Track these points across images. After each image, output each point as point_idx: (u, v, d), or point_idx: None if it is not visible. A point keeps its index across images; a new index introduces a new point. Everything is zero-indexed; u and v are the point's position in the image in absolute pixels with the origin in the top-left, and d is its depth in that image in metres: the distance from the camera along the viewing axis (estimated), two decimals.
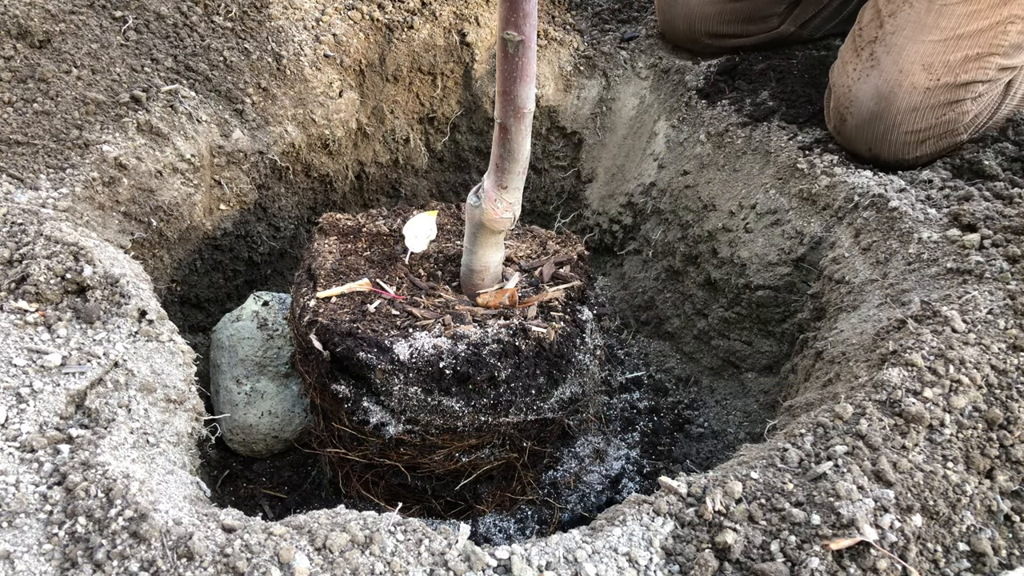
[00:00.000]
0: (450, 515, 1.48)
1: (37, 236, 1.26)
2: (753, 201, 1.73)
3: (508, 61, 1.08)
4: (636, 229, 2.13)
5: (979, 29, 1.51)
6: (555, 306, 1.42)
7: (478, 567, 0.89)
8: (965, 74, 1.52)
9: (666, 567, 0.90)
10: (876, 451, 0.97)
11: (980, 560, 0.90)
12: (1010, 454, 0.98)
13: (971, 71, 1.52)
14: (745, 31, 2.01)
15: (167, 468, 1.06)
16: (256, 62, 1.85)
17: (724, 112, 1.90)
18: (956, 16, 1.50)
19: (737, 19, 1.98)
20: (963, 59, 1.51)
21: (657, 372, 1.94)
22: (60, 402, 1.05)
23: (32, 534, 0.87)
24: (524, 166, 1.25)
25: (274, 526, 0.91)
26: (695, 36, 2.05)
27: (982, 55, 1.52)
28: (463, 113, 2.23)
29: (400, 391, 1.29)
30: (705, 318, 1.87)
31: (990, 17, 1.51)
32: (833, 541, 0.88)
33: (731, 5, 1.96)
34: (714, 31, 2.02)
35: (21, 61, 1.56)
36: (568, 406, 1.40)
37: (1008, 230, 1.31)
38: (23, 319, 1.16)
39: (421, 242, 1.56)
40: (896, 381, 1.05)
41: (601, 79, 2.23)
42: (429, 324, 1.33)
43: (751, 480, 0.97)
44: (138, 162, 1.57)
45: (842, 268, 1.46)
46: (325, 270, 1.49)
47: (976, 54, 1.52)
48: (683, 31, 2.07)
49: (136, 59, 1.68)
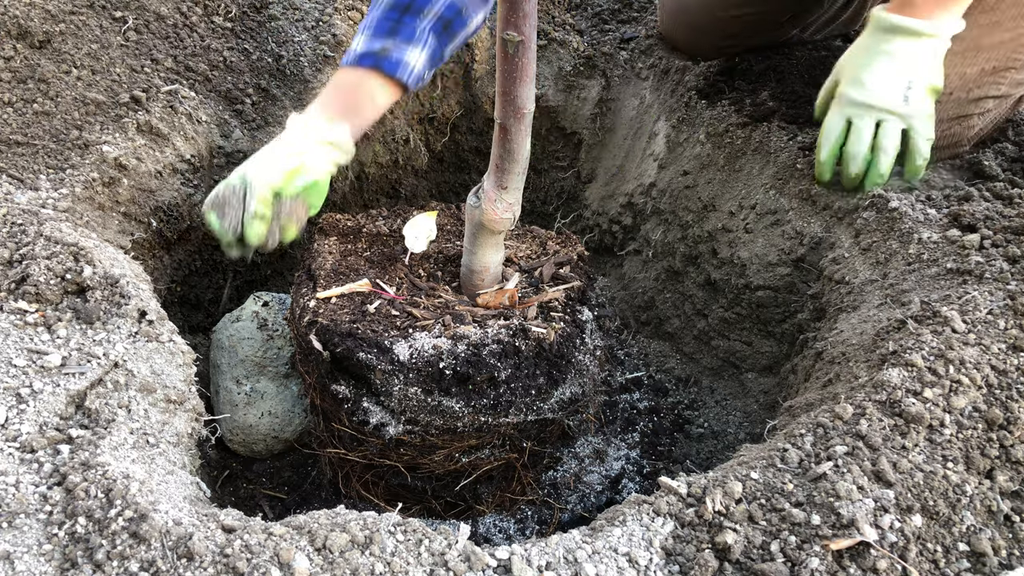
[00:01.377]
0: (450, 515, 1.48)
1: (37, 236, 1.26)
2: (753, 201, 1.73)
3: (508, 61, 1.08)
4: (636, 229, 2.13)
5: (1000, 41, 1.48)
6: (555, 306, 1.42)
7: (478, 567, 0.88)
8: (979, 89, 1.49)
9: (666, 567, 0.90)
10: (876, 451, 0.97)
11: (980, 560, 0.90)
12: (1010, 454, 0.98)
13: (985, 86, 1.50)
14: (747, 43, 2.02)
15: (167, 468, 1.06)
16: (256, 62, 1.85)
17: (724, 112, 1.90)
18: (978, 26, 1.46)
19: (742, 32, 1.98)
20: (979, 72, 1.48)
21: (657, 372, 1.94)
22: (60, 402, 1.05)
23: (32, 534, 0.87)
24: (524, 166, 1.25)
25: (274, 526, 0.91)
26: (698, 47, 2.05)
27: (999, 69, 1.49)
28: (463, 113, 2.23)
29: (400, 391, 1.29)
30: (705, 318, 1.87)
31: (1012, 29, 1.47)
32: (833, 541, 0.88)
33: (736, 20, 1.96)
34: (718, 45, 2.02)
35: (21, 61, 1.56)
36: (568, 406, 1.40)
37: (1008, 230, 1.31)
38: (23, 319, 1.16)
39: (421, 242, 1.56)
40: (896, 381, 1.05)
41: (601, 79, 2.23)
42: (429, 324, 1.33)
43: (751, 480, 0.97)
44: (138, 162, 1.57)
45: (842, 268, 1.46)
46: (325, 270, 1.49)
47: (993, 68, 1.49)
48: (687, 42, 2.07)
49: (136, 59, 1.68)
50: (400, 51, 1.43)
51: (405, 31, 1.44)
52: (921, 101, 1.39)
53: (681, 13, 2.04)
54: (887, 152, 1.43)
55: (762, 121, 1.81)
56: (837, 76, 1.50)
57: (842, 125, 1.46)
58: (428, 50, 1.47)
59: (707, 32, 2.01)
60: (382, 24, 1.44)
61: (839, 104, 1.46)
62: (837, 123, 1.46)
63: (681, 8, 2.03)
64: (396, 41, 1.44)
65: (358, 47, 1.46)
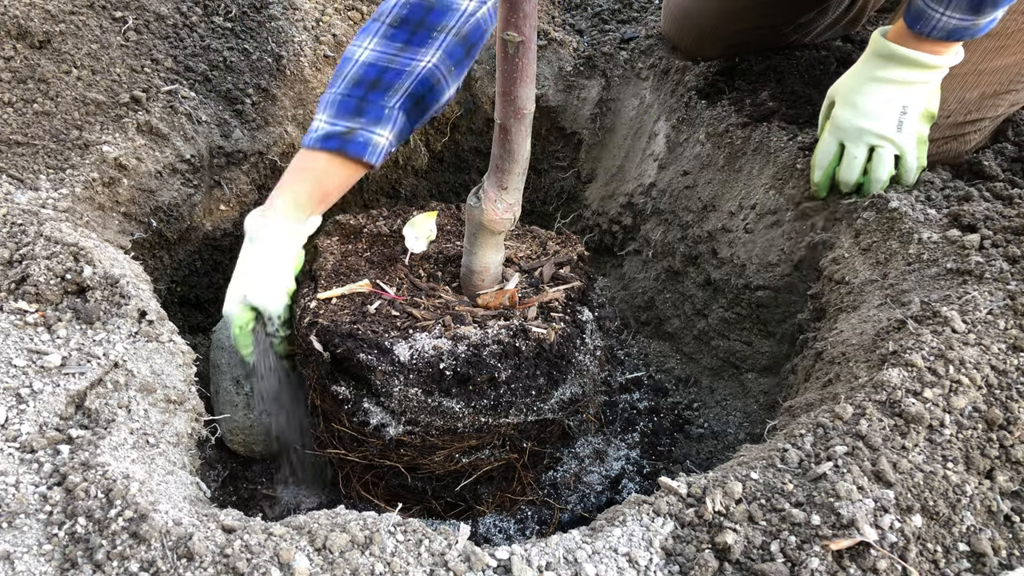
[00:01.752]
0: (450, 516, 1.48)
1: (37, 237, 1.26)
2: (753, 201, 1.73)
3: (508, 62, 1.08)
4: (636, 229, 2.13)
5: (1003, 65, 1.45)
6: (555, 307, 1.42)
7: (478, 567, 0.89)
8: (977, 112, 1.47)
9: (666, 567, 0.90)
10: (876, 451, 0.97)
11: (980, 560, 0.90)
12: (1010, 454, 0.98)
13: (984, 109, 1.48)
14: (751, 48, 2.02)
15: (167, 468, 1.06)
16: (256, 62, 1.85)
17: (724, 112, 1.90)
18: (981, 50, 1.43)
19: (747, 39, 1.98)
20: (979, 96, 1.46)
21: (657, 372, 1.94)
22: (60, 402, 1.05)
23: (32, 535, 0.87)
24: (524, 167, 1.25)
25: (274, 526, 0.91)
26: (703, 53, 2.05)
27: (999, 92, 1.47)
28: (463, 113, 2.23)
29: (400, 392, 1.29)
30: (705, 318, 1.87)
31: (1017, 53, 1.44)
32: (833, 541, 0.88)
33: (742, 26, 1.96)
34: (721, 52, 2.03)
35: (21, 61, 1.56)
36: (568, 407, 1.40)
37: (1008, 230, 1.31)
38: (23, 319, 1.16)
39: (421, 243, 1.56)
40: (896, 381, 1.05)
41: (601, 79, 2.23)
42: (429, 325, 1.33)
43: (751, 480, 0.97)
44: (138, 162, 1.57)
45: (842, 268, 1.46)
46: (326, 271, 1.49)
47: (994, 91, 1.47)
48: (691, 49, 2.07)
49: (136, 59, 1.68)
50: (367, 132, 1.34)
51: (372, 110, 1.35)
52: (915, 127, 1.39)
53: (685, 20, 2.04)
54: (879, 180, 1.45)
55: (762, 121, 1.81)
56: (832, 97, 1.50)
57: (835, 149, 1.47)
58: (396, 128, 1.38)
59: (711, 40, 2.00)
60: (346, 103, 1.35)
61: (833, 127, 1.46)
62: (830, 147, 1.47)
63: (685, 14, 2.03)
64: (362, 121, 1.35)
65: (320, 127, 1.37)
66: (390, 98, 1.36)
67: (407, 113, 1.41)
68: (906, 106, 1.38)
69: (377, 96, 1.36)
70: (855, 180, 1.46)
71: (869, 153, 1.43)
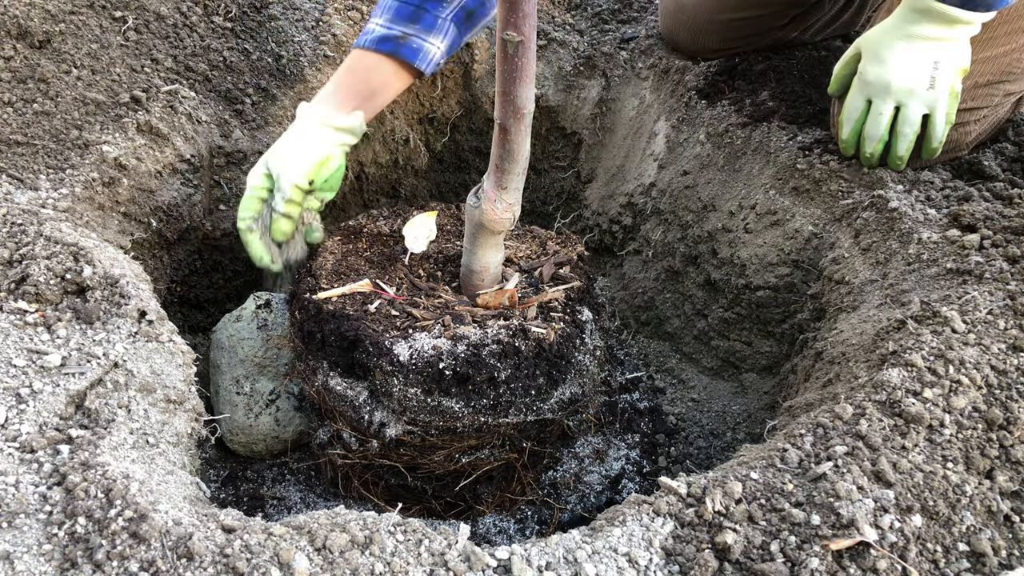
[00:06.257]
0: (450, 515, 1.48)
1: (37, 236, 1.26)
2: (753, 201, 1.73)
3: (508, 62, 1.08)
4: (636, 229, 2.13)
5: (993, 56, 1.47)
6: (555, 307, 1.42)
7: (478, 567, 0.89)
8: (972, 101, 1.49)
9: (666, 567, 0.90)
10: (876, 451, 0.97)
11: (980, 560, 0.90)
12: (1010, 454, 0.98)
13: (978, 98, 1.49)
14: (748, 44, 2.02)
15: (167, 468, 1.06)
16: (256, 62, 1.85)
17: (724, 112, 1.90)
18: (971, 42, 1.44)
19: (742, 34, 1.98)
20: (972, 86, 1.47)
21: (657, 372, 1.94)
22: (60, 402, 1.05)
23: (32, 534, 0.87)
24: (524, 167, 1.25)
25: (274, 526, 0.91)
26: (699, 49, 2.05)
27: (992, 82, 1.49)
28: (463, 113, 2.23)
29: (400, 392, 1.29)
30: (705, 318, 1.87)
31: (1006, 44, 1.46)
32: (833, 541, 0.88)
33: (736, 22, 1.96)
34: (717, 47, 2.02)
35: (21, 61, 1.56)
36: (568, 407, 1.40)
37: (1008, 230, 1.31)
38: (23, 319, 1.16)
39: (421, 243, 1.56)
40: (896, 381, 1.05)
41: (601, 79, 2.23)
42: (429, 325, 1.33)
43: (751, 480, 0.97)
44: (138, 162, 1.57)
45: (842, 268, 1.46)
46: (326, 270, 1.49)
47: (987, 81, 1.48)
48: (687, 43, 2.07)
49: (136, 59, 1.68)
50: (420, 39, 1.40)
51: (426, 19, 1.40)
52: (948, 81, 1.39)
53: (679, 13, 2.04)
54: (906, 136, 1.45)
55: (762, 121, 1.81)
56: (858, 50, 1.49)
57: (863, 105, 1.47)
58: (448, 39, 1.44)
59: (706, 33, 2.01)
60: (402, 9, 1.40)
61: (860, 82, 1.46)
62: (858, 102, 1.48)
63: (679, 8, 2.04)
64: (416, 28, 1.39)
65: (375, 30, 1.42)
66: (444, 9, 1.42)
67: (458, 26, 1.47)
68: (938, 62, 1.38)
69: (433, 5, 1.41)
70: (881, 135, 1.46)
71: (895, 111, 1.44)
